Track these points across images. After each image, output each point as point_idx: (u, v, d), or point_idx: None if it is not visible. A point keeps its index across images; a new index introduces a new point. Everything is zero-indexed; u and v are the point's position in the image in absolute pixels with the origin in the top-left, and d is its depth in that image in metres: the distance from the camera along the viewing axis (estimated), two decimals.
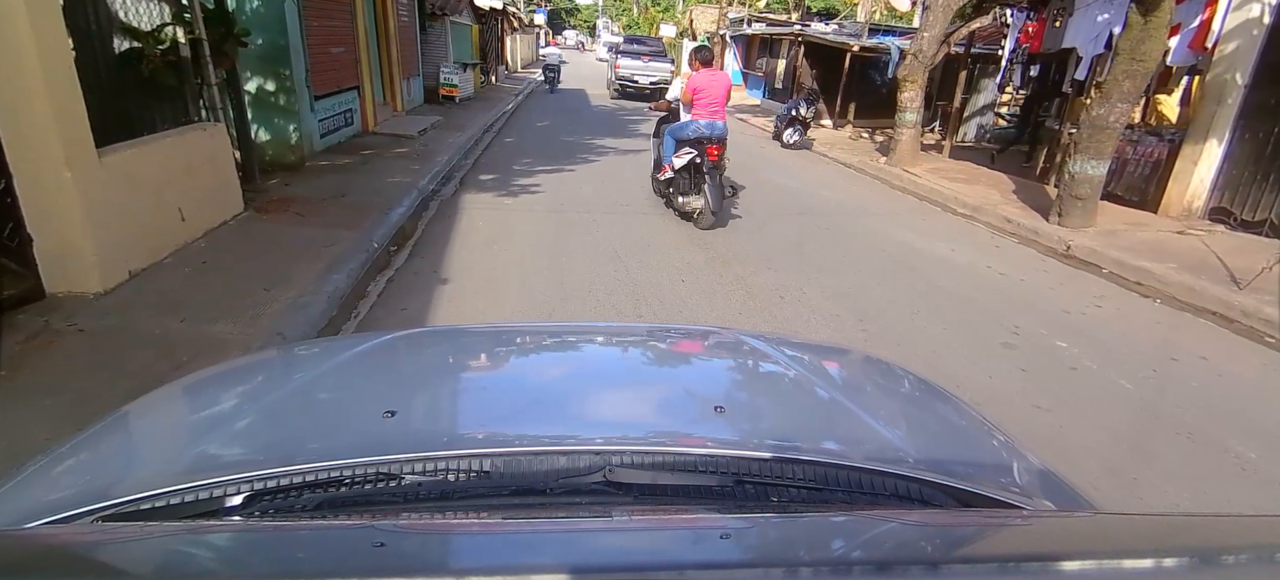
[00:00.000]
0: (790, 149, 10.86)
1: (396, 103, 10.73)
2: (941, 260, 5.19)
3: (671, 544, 0.64)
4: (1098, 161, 5.94)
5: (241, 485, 0.74)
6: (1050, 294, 4.60)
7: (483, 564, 0.57)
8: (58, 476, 0.89)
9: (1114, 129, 5.82)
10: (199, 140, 4.48)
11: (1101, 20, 7.61)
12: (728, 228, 5.71)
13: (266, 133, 6.83)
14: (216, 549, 0.59)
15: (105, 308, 3.29)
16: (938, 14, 8.45)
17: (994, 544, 0.65)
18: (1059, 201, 6.23)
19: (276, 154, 6.86)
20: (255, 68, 6.60)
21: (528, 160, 8.44)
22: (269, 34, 6.50)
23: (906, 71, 8.77)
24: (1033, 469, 1.00)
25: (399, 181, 6.58)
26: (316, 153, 7.32)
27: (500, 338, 1.51)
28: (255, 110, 6.73)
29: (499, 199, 6.41)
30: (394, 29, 10.39)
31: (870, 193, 7.86)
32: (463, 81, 13.84)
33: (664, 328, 2.08)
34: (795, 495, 0.80)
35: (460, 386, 1.24)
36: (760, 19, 22.00)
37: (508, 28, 24.31)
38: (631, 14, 46.09)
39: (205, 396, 1.17)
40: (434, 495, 0.77)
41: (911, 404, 1.30)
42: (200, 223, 4.41)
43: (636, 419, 1.05)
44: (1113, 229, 6.15)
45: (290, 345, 2.58)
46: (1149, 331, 4.05)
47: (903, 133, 8.99)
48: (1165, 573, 0.52)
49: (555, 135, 10.82)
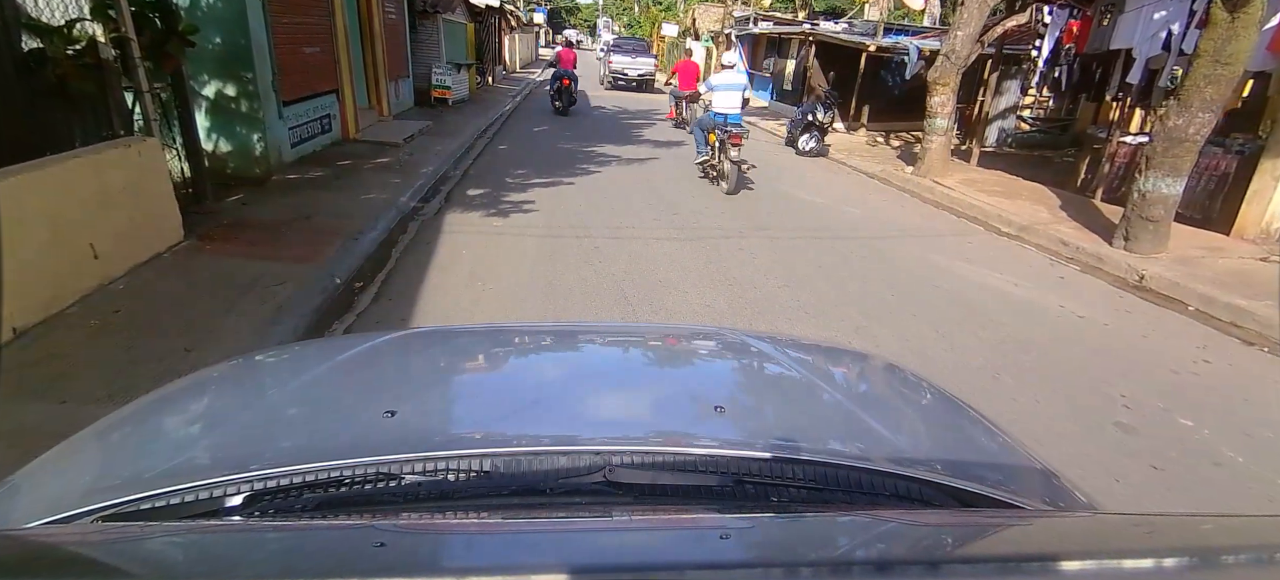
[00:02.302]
0: (806, 156, 10.10)
1: (382, 107, 9.96)
2: (1004, 297, 4.42)
3: (671, 544, 0.64)
4: (1173, 179, 5.18)
5: (241, 485, 0.74)
6: (1144, 344, 3.84)
7: (483, 564, 0.56)
8: (58, 476, 0.88)
9: (1193, 142, 5.06)
10: (122, 159, 3.72)
11: (1159, 17, 6.85)
12: (751, 257, 4.96)
13: (227, 143, 6.07)
14: (216, 549, 0.59)
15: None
16: (973, 10, 7.69)
17: (994, 544, 0.65)
18: (1125, 223, 5.47)
19: (239, 167, 6.11)
20: (212, 70, 5.85)
21: (522, 171, 7.67)
22: (227, 32, 5.74)
23: (938, 73, 8.01)
24: (1033, 469, 0.99)
25: (375, 198, 5.82)
26: (286, 164, 6.56)
27: (500, 337, 1.50)
28: (213, 119, 5.98)
29: (488, 219, 5.65)
30: (379, 27, 9.62)
31: (902, 209, 7.09)
32: (456, 83, 13.07)
33: (664, 328, 2.08)
34: (795, 495, 0.80)
35: (460, 386, 1.23)
36: (767, 17, 21.20)
37: (505, 26, 23.50)
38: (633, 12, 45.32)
39: (205, 396, 1.15)
40: (434, 495, 0.77)
41: (911, 404, 1.28)
42: (121, 259, 3.65)
43: (636, 419, 1.04)
44: (1186, 255, 5.39)
45: (290, 345, 2.38)
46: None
47: (933, 140, 8.23)
48: (1165, 573, 0.52)
49: (553, 142, 10.06)
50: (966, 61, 8.01)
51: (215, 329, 3.20)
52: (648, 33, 34.26)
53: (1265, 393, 3.36)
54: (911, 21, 18.64)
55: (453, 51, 14.34)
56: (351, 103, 8.29)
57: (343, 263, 4.25)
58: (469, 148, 9.10)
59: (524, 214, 5.82)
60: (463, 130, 10.05)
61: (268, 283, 3.79)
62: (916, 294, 4.33)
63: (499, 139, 10.26)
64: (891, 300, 4.19)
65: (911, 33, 16.17)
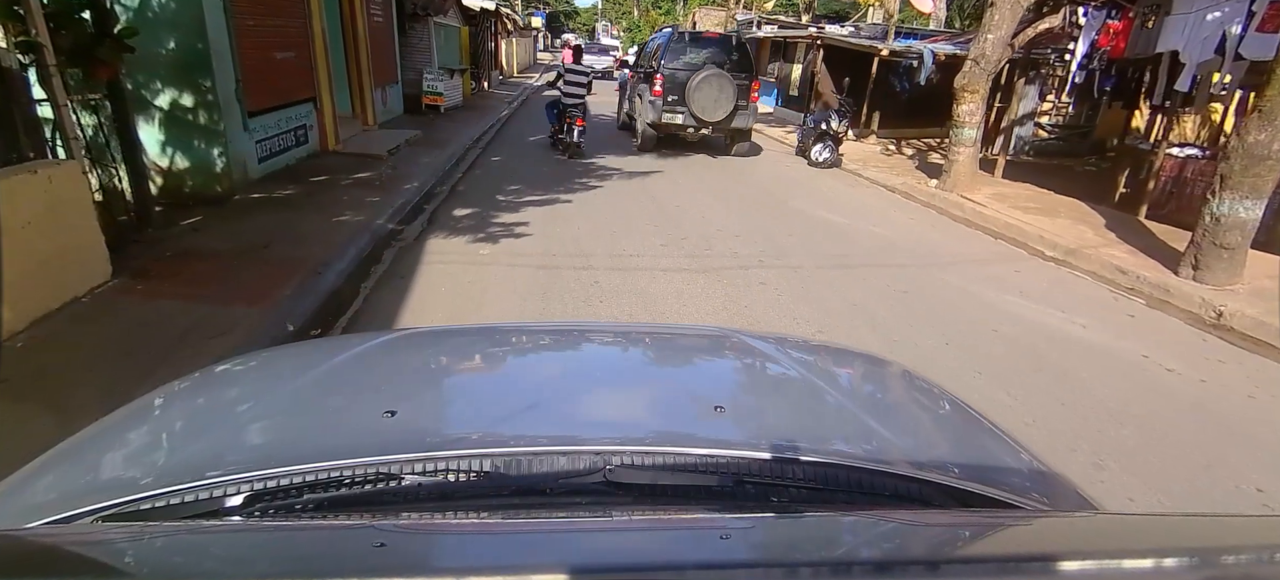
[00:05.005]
0: (819, 167, 9.47)
1: (367, 116, 9.33)
2: (1076, 344, 3.79)
3: (671, 544, 0.64)
4: (1253, 201, 4.58)
5: (242, 485, 0.74)
6: (1253, 408, 3.20)
7: (483, 564, 0.56)
8: (58, 476, 0.88)
9: (1277, 159, 4.44)
10: (25, 188, 3.09)
11: (1212, 19, 6.24)
12: (775, 295, 4.32)
13: (185, 159, 5.44)
14: (216, 549, 0.59)
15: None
16: (1005, 12, 7.08)
17: (994, 544, 0.65)
18: (1193, 249, 4.86)
19: (199, 184, 5.48)
20: (167, 78, 5.22)
21: (516, 186, 7.04)
22: (182, 35, 5.12)
23: (966, 80, 7.39)
24: (1033, 469, 0.98)
25: (349, 220, 5.19)
26: (252, 181, 5.92)
27: (501, 337, 1.50)
28: (168, 132, 5.36)
29: (473, 246, 5.01)
30: (364, 30, 8.99)
31: (933, 229, 6.45)
32: (449, 89, 12.44)
33: (664, 328, 2.24)
34: (795, 495, 0.80)
35: (461, 386, 1.22)
36: (771, 21, 20.64)
37: (502, 30, 22.87)
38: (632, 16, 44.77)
39: (205, 396, 1.15)
40: (434, 495, 0.77)
41: (912, 404, 1.27)
42: (22, 311, 3.02)
43: (636, 419, 1.04)
44: (1261, 286, 4.77)
45: (290, 345, 2.25)
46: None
47: (959, 152, 7.61)
48: (1165, 573, 0.51)
49: (550, 152, 9.43)
50: (997, 66, 7.40)
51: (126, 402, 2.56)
52: (647, 37, 33.70)
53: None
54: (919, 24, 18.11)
55: (445, 56, 13.72)
56: (331, 112, 7.66)
57: (300, 305, 3.62)
58: (460, 159, 8.47)
59: (516, 239, 5.18)
60: (454, 140, 9.42)
61: (203, 334, 3.16)
62: (976, 344, 3.69)
63: (493, 148, 9.63)
64: (948, 353, 3.55)
65: (919, 36, 15.62)
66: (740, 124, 9.50)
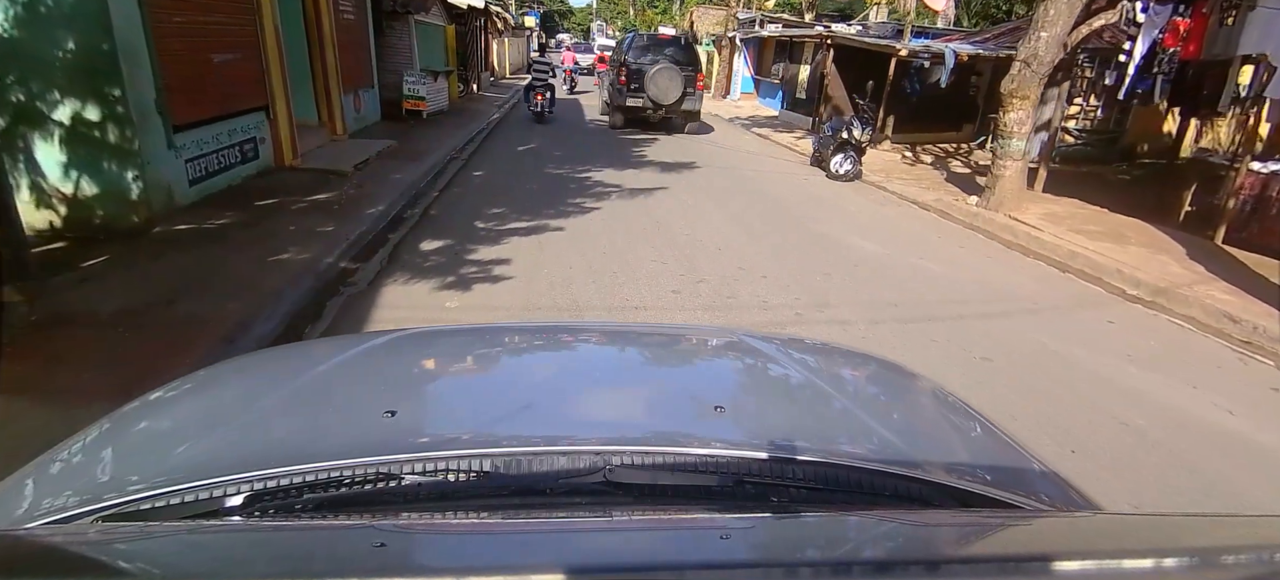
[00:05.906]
0: (840, 180, 8.55)
1: (335, 124, 8.35)
2: (1229, 440, 2.86)
3: (671, 544, 0.63)
4: None
5: (242, 485, 0.73)
6: None
7: (483, 564, 0.56)
8: (58, 476, 0.87)
9: None
10: None
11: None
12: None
13: (92, 184, 4.47)
14: (216, 549, 0.59)
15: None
16: (1061, 8, 6.17)
17: (994, 544, 0.65)
18: None
19: (112, 214, 4.52)
20: (65, 87, 4.25)
21: (498, 209, 6.08)
22: (82, 34, 4.16)
23: (1015, 84, 6.48)
24: (1033, 469, 0.97)
25: (290, 259, 4.24)
26: (181, 208, 4.96)
27: (501, 337, 1.49)
28: (71, 152, 4.39)
29: (442, 293, 4.05)
30: (331, 29, 8.02)
31: (989, 262, 5.49)
32: (433, 93, 11.47)
33: (665, 328, 2.21)
34: (795, 495, 0.79)
35: (461, 386, 1.21)
36: (775, 19, 19.73)
37: (493, 29, 21.85)
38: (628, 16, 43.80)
39: (205, 396, 1.14)
40: (434, 495, 0.76)
41: (912, 404, 1.26)
42: None
43: (636, 419, 1.03)
44: None
45: (290, 345, 2.14)
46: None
47: (1007, 166, 6.69)
48: (1165, 573, 0.51)
49: (540, 164, 8.48)
50: (1050, 68, 6.49)
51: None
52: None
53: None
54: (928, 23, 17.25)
55: (428, 57, 12.74)
56: (288, 122, 6.68)
57: None
58: (438, 173, 7.52)
59: (492, 283, 4.22)
60: (433, 150, 8.46)
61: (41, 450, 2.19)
62: (1105, 445, 2.75)
63: (476, 161, 8.66)
64: (1076, 465, 2.59)
65: (930, 34, 14.75)
66: (689, 106, 11.90)
